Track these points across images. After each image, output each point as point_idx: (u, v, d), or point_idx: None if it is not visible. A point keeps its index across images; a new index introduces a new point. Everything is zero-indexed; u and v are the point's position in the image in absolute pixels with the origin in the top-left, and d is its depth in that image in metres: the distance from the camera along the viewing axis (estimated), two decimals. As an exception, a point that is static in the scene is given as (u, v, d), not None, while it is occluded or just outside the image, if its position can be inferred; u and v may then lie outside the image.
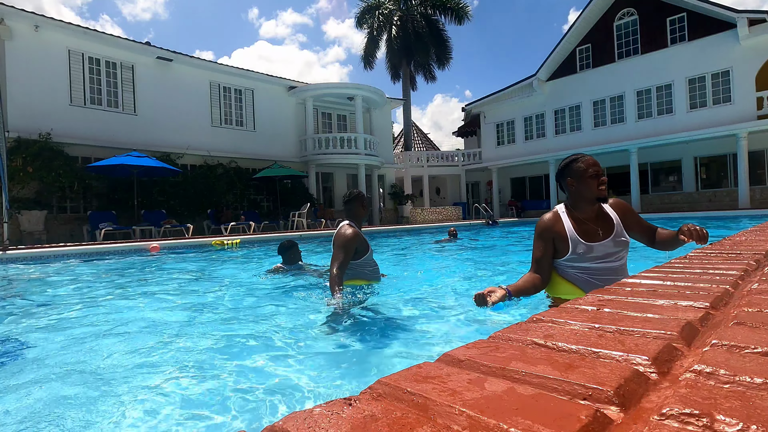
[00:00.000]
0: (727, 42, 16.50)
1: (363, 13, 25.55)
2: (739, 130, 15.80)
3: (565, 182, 2.26)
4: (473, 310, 2.66)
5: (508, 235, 11.03)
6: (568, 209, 2.26)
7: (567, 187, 2.25)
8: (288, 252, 4.66)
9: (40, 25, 12.12)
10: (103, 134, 13.21)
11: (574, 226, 2.19)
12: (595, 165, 2.18)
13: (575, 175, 2.20)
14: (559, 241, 2.20)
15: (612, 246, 2.16)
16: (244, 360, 2.14)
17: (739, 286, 1.19)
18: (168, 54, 14.55)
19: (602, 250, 2.15)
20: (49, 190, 11.73)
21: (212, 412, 1.57)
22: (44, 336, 2.71)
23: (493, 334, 0.81)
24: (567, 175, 2.24)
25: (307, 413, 0.49)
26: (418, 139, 32.06)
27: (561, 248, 2.20)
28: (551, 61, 21.23)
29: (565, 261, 2.21)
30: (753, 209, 14.69)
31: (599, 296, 1.12)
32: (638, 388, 0.56)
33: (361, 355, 2.17)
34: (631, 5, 19.16)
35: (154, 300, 3.87)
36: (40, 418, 1.55)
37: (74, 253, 7.69)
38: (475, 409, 0.48)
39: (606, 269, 2.16)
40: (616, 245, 2.17)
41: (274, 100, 17.73)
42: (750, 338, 0.69)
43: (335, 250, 3.16)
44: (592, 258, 2.15)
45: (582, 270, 2.19)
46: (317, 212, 16.47)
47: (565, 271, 2.24)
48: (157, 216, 12.78)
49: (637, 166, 18.24)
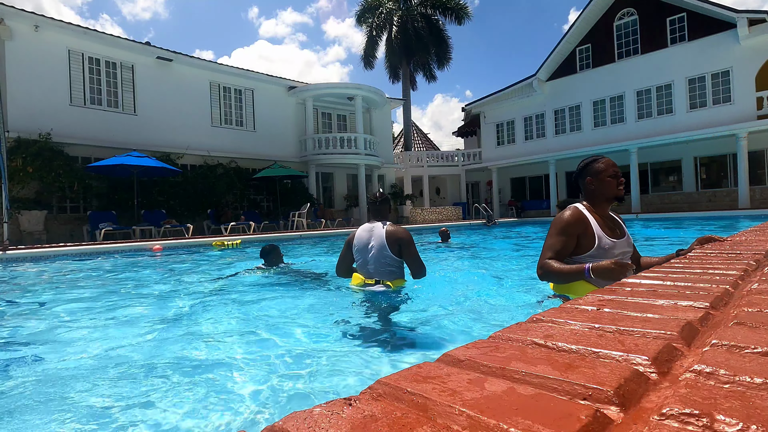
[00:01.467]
0: (727, 42, 16.50)
1: (363, 12, 25.54)
2: (739, 130, 15.80)
3: (584, 181, 2.32)
4: (473, 310, 2.67)
5: (509, 236, 11.03)
6: (587, 207, 2.29)
7: (586, 185, 2.31)
8: (269, 255, 4.87)
9: (40, 25, 12.13)
10: (103, 134, 13.21)
11: (599, 222, 2.24)
12: (614, 166, 2.27)
13: (595, 174, 2.27)
14: (585, 236, 2.21)
15: (626, 245, 2.26)
16: (244, 360, 2.14)
17: (739, 286, 1.19)
18: (168, 54, 14.55)
19: (621, 247, 2.23)
20: (49, 190, 11.73)
21: (212, 412, 1.57)
22: (44, 336, 2.71)
23: (493, 334, 0.81)
24: (587, 175, 2.31)
25: (307, 413, 0.49)
26: (418, 139, 32.06)
27: (585, 244, 2.21)
28: (551, 61, 21.23)
29: (586, 257, 2.21)
30: (753, 209, 14.69)
31: (599, 296, 1.12)
32: (638, 388, 0.56)
33: (361, 355, 2.17)
34: (631, 5, 19.16)
35: (153, 300, 3.87)
36: (40, 419, 1.55)
37: (74, 253, 7.69)
38: (475, 409, 0.48)
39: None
40: (628, 245, 2.27)
41: (274, 100, 17.73)
42: (750, 338, 0.69)
43: (412, 247, 3.26)
44: (613, 255, 2.20)
45: None
46: (317, 212, 16.48)
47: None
48: (157, 216, 12.78)
49: (637, 166, 18.24)
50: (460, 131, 29.66)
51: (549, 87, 21.74)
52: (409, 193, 21.79)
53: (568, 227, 2.22)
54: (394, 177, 22.60)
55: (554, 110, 21.68)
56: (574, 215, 2.24)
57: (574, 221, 2.22)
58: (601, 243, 2.18)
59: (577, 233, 2.21)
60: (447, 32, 25.67)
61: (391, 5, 25.43)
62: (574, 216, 2.23)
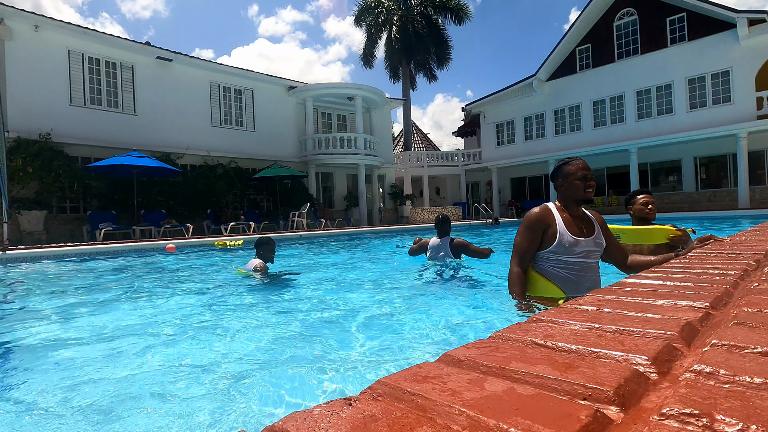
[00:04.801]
0: (726, 42, 16.50)
1: (362, 12, 25.51)
2: (739, 130, 15.79)
3: (556, 182, 2.44)
4: (473, 309, 2.67)
5: (510, 236, 11.03)
6: (557, 206, 2.42)
7: (558, 186, 2.44)
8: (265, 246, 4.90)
9: (40, 25, 12.12)
10: (102, 134, 13.21)
11: (563, 220, 2.35)
12: (584, 169, 2.37)
13: (564, 176, 2.39)
14: (548, 232, 2.34)
15: (592, 245, 2.36)
16: (243, 360, 2.14)
17: (739, 286, 1.19)
18: (168, 54, 14.54)
19: (584, 246, 2.33)
20: (48, 190, 11.72)
21: (212, 412, 1.57)
22: (45, 336, 2.71)
23: (493, 334, 0.81)
24: (558, 176, 2.43)
25: (307, 413, 0.49)
26: (418, 139, 32.05)
27: (548, 240, 2.34)
28: (551, 61, 21.23)
29: (547, 253, 2.34)
30: (753, 209, 14.69)
31: (599, 296, 1.12)
32: (638, 388, 0.56)
33: (361, 355, 2.17)
34: (631, 5, 19.15)
35: (152, 300, 3.87)
36: (41, 419, 1.55)
37: (74, 254, 7.69)
38: (475, 409, 0.48)
39: (584, 265, 2.34)
40: (595, 245, 2.37)
41: (274, 100, 17.73)
42: (750, 338, 0.69)
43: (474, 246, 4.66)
44: (574, 252, 2.31)
45: (562, 264, 2.33)
46: (317, 212, 16.47)
47: (542, 266, 2.38)
48: (157, 216, 12.78)
49: (636, 166, 18.24)
50: (460, 131, 29.66)
51: (549, 87, 21.74)
52: (409, 193, 21.79)
53: (533, 224, 2.36)
54: (394, 177, 22.59)
55: (554, 110, 21.67)
56: (540, 213, 2.37)
57: (539, 218, 2.36)
58: (563, 240, 2.30)
59: (541, 230, 2.34)
60: (447, 32, 25.68)
61: (391, 5, 25.41)
62: (540, 214, 2.37)
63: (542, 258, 2.37)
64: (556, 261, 2.33)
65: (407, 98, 25.75)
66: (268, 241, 4.93)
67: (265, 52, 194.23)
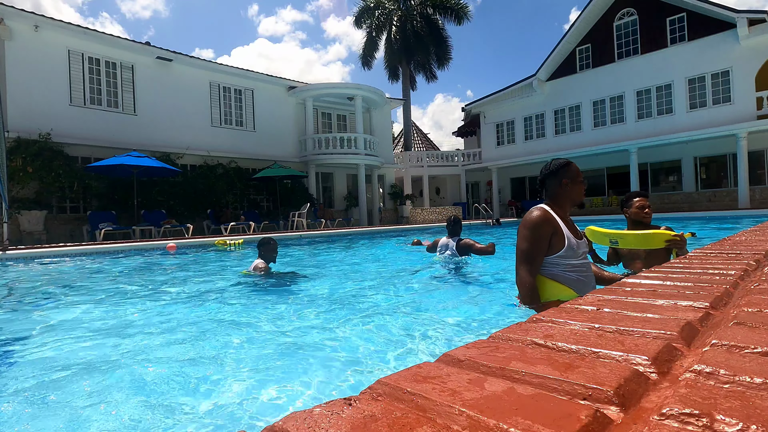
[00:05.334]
0: (726, 42, 16.50)
1: (361, 12, 25.51)
2: (739, 130, 15.79)
3: (559, 182, 2.32)
4: (473, 309, 2.67)
5: (511, 236, 11.02)
6: (552, 207, 2.31)
7: (560, 186, 2.32)
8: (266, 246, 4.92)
9: (40, 25, 12.12)
10: (102, 134, 13.21)
11: (564, 223, 2.29)
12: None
13: (571, 177, 2.31)
14: (555, 236, 2.22)
15: (584, 245, 2.34)
16: (242, 359, 2.14)
17: (739, 286, 1.19)
18: (168, 54, 14.54)
19: (583, 247, 2.31)
20: (48, 190, 11.72)
21: (212, 412, 1.57)
22: (45, 336, 2.71)
23: (493, 334, 0.81)
24: (563, 176, 2.31)
25: (307, 413, 0.49)
26: (418, 139, 32.05)
27: (556, 243, 2.22)
28: (551, 61, 21.23)
29: (556, 257, 2.22)
30: (753, 209, 14.68)
31: (599, 296, 1.12)
32: (638, 388, 0.56)
33: (362, 355, 2.17)
34: (631, 5, 19.15)
35: (152, 300, 3.87)
36: (42, 419, 1.55)
37: (74, 254, 7.69)
38: (475, 409, 0.48)
39: (587, 266, 2.33)
40: (585, 245, 2.36)
41: (274, 100, 17.73)
42: (750, 338, 0.69)
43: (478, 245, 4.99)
44: (579, 254, 2.27)
45: (572, 267, 2.24)
46: (317, 212, 16.47)
47: (552, 271, 2.24)
48: (156, 216, 12.77)
49: (636, 166, 18.24)
50: (460, 131, 29.66)
51: (549, 87, 21.73)
52: (409, 193, 21.78)
53: (540, 227, 2.22)
54: (394, 177, 22.59)
55: (554, 110, 21.67)
56: (544, 216, 2.24)
57: (545, 222, 2.22)
58: (570, 243, 2.22)
59: (549, 234, 2.21)
60: (447, 32, 25.67)
61: (391, 5, 25.40)
62: (544, 217, 2.24)
63: (551, 263, 2.23)
64: (566, 265, 2.22)
65: (407, 98, 25.75)
66: (270, 242, 4.94)
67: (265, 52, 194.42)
